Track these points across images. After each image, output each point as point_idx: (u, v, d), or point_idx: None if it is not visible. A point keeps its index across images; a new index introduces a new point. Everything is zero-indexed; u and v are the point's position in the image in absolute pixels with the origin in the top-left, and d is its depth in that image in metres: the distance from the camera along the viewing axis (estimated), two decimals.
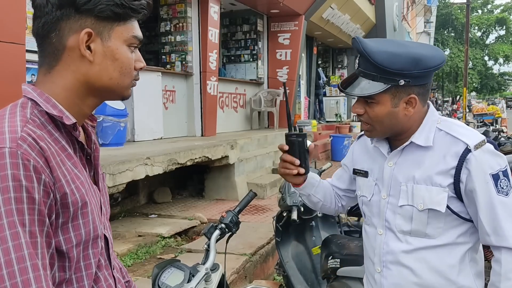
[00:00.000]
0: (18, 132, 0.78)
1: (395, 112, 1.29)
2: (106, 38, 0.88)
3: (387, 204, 1.37)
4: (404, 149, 1.35)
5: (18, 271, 0.72)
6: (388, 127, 1.32)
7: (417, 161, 1.32)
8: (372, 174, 1.44)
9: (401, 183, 1.34)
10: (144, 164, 4.23)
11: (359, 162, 1.51)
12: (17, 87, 3.79)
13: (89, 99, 0.92)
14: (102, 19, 0.86)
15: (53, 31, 0.86)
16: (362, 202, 1.48)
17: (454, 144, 1.28)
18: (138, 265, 3.67)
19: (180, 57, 7.41)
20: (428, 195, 1.28)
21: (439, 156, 1.29)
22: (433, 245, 1.31)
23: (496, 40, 47.85)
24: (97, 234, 0.90)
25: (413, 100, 1.30)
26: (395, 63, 1.24)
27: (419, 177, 1.30)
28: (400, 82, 1.25)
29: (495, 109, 18.24)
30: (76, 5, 0.84)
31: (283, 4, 8.77)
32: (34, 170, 0.77)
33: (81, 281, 0.87)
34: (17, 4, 3.51)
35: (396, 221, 1.35)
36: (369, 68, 1.27)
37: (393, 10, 15.96)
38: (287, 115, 1.45)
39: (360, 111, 1.33)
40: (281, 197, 2.74)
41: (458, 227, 1.31)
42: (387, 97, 1.28)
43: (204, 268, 1.56)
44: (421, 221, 1.30)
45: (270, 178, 6.60)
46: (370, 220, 1.44)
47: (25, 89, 0.89)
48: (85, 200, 0.86)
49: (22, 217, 0.74)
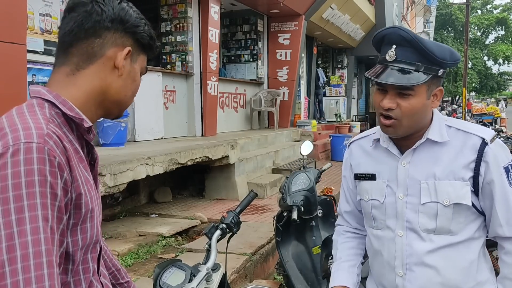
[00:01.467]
0: (44, 129, 0.80)
1: (427, 104, 1.29)
2: (134, 61, 0.98)
3: (406, 204, 1.34)
4: (417, 148, 1.33)
5: (33, 266, 0.72)
6: (416, 122, 1.29)
7: (434, 158, 1.31)
8: (381, 176, 1.40)
9: (420, 181, 1.31)
10: (145, 164, 4.24)
11: (361, 166, 1.47)
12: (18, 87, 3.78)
13: (100, 109, 0.96)
14: (138, 44, 0.97)
15: (97, 37, 0.92)
16: (372, 206, 1.42)
17: (469, 138, 1.29)
18: (139, 265, 3.68)
19: (181, 57, 7.42)
20: (452, 190, 1.28)
21: (455, 151, 1.29)
22: (455, 241, 1.30)
23: (495, 40, 47.85)
24: (98, 239, 0.92)
25: (439, 93, 1.31)
26: (441, 52, 1.24)
27: (440, 173, 1.29)
28: (439, 72, 1.26)
29: (494, 109, 18.25)
30: (125, 24, 0.94)
31: (283, 4, 8.78)
32: (59, 167, 0.78)
33: (79, 284, 0.88)
34: (18, 4, 3.52)
35: (420, 219, 1.32)
36: (412, 57, 1.24)
37: (392, 10, 15.96)
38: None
39: (393, 106, 1.27)
40: (282, 197, 2.75)
41: (475, 221, 1.32)
42: (424, 88, 1.26)
43: (205, 268, 1.57)
44: (447, 217, 1.29)
45: (270, 178, 6.61)
46: (384, 224, 1.39)
47: (40, 91, 0.89)
48: (93, 203, 0.88)
49: (46, 212, 0.75)
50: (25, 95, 3.60)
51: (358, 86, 18.28)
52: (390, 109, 1.28)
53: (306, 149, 3.09)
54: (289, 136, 9.14)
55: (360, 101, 18.81)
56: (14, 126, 0.79)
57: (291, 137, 9.21)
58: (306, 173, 2.83)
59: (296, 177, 2.81)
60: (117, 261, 1.22)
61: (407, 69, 1.24)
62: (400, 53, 1.26)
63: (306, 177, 2.81)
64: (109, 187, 3.73)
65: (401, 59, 1.25)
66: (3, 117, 0.84)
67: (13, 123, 0.80)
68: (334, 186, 6.45)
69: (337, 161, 9.74)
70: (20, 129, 0.78)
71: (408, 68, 1.24)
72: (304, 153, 3.10)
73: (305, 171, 2.86)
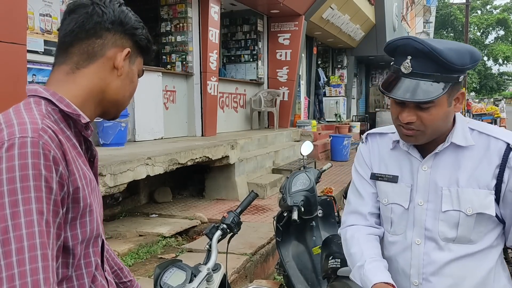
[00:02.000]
0: (39, 124, 0.81)
1: (450, 111, 1.22)
2: (132, 62, 1.00)
3: (426, 211, 1.27)
4: (440, 152, 1.27)
5: (28, 259, 0.72)
6: (439, 130, 1.23)
7: (457, 163, 1.25)
8: (403, 180, 1.32)
9: (441, 187, 1.25)
10: (145, 164, 4.24)
11: (380, 165, 1.38)
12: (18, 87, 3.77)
13: (98, 108, 0.98)
14: (136, 46, 1.00)
15: (98, 37, 0.94)
16: (392, 210, 1.34)
17: (493, 143, 1.22)
18: (139, 265, 3.68)
19: (181, 57, 7.42)
20: (476, 199, 1.22)
21: (479, 156, 1.23)
22: (474, 251, 1.26)
23: (495, 40, 47.86)
24: (99, 233, 0.92)
25: (461, 96, 1.23)
26: (460, 59, 1.16)
27: (464, 179, 1.23)
28: (460, 79, 1.19)
29: (494, 109, 18.25)
30: (125, 26, 0.97)
31: (283, 4, 8.78)
32: (53, 161, 0.79)
33: (82, 278, 0.88)
34: (18, 4, 3.52)
35: (440, 228, 1.26)
36: (430, 68, 1.16)
37: (392, 10, 15.96)
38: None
39: (413, 119, 1.20)
40: (282, 197, 2.75)
41: (494, 230, 1.27)
42: (445, 97, 1.18)
43: (206, 268, 1.57)
44: (468, 226, 1.23)
45: (270, 178, 6.61)
46: (402, 230, 1.33)
47: (36, 89, 0.90)
48: (91, 198, 0.88)
49: (41, 205, 0.75)
50: (25, 95, 3.59)
51: (358, 86, 18.29)
52: (410, 123, 1.21)
53: (307, 149, 3.10)
54: (289, 136, 9.14)
55: (360, 101, 18.82)
56: (10, 122, 0.80)
57: (291, 137, 9.22)
58: (306, 173, 2.84)
59: (296, 177, 2.82)
60: (119, 260, 1.23)
61: (425, 80, 1.17)
62: (416, 65, 1.17)
63: (307, 177, 2.81)
64: (109, 187, 3.73)
65: (418, 71, 1.17)
66: (0, 115, 0.85)
67: (9, 119, 0.81)
68: (334, 186, 6.46)
69: (337, 161, 9.75)
70: (15, 125, 0.79)
71: (426, 80, 1.16)
72: (305, 153, 3.10)
73: (306, 171, 2.87)
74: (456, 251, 1.25)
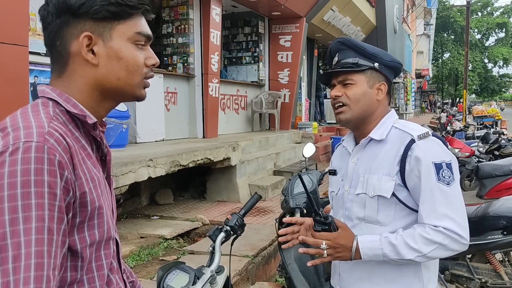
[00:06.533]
0: (45, 127, 0.79)
1: (370, 92, 1.48)
2: (107, 39, 0.88)
3: (348, 195, 1.53)
4: (366, 146, 1.51)
5: (23, 267, 0.70)
6: (362, 109, 1.48)
7: (374, 155, 1.47)
8: (340, 171, 1.60)
9: (360, 175, 1.49)
10: (146, 166, 4.24)
11: (333, 164, 1.68)
12: (21, 89, 3.77)
13: (104, 102, 0.94)
14: (100, 20, 0.87)
15: (57, 39, 0.88)
16: (332, 197, 1.64)
17: (403, 136, 1.43)
18: (141, 267, 3.67)
19: (182, 59, 7.43)
20: (378, 184, 1.43)
21: (391, 149, 1.44)
22: (382, 232, 1.42)
23: (495, 42, 47.88)
24: (110, 235, 0.90)
25: (383, 87, 1.50)
26: (372, 49, 1.49)
27: (374, 168, 1.46)
28: (375, 65, 1.47)
29: (495, 111, 18.24)
30: (72, 10, 0.86)
31: (284, 6, 8.79)
32: (59, 165, 0.77)
33: (93, 282, 0.87)
34: (20, 6, 3.52)
35: (353, 208, 1.50)
36: (350, 55, 1.48)
37: (393, 13, 15.98)
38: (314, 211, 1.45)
39: (339, 94, 1.48)
40: (284, 199, 2.74)
41: (406, 217, 1.43)
42: (363, 78, 1.47)
43: (209, 271, 1.56)
44: (372, 207, 1.45)
45: (272, 179, 6.61)
46: (337, 213, 1.60)
47: (44, 90, 0.89)
48: (101, 200, 0.87)
49: (42, 212, 0.73)
50: (27, 97, 3.60)
51: None
52: (337, 97, 1.49)
53: (309, 151, 3.09)
54: (290, 138, 9.14)
55: None
56: (16, 126, 0.79)
57: (292, 139, 9.21)
58: (308, 175, 2.83)
59: (298, 179, 2.81)
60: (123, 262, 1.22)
61: (348, 64, 1.47)
62: (341, 55, 1.50)
63: (309, 179, 2.80)
64: None
65: (342, 59, 1.49)
66: (8, 118, 0.84)
67: (15, 122, 0.80)
68: None
69: None
70: (21, 128, 0.78)
71: (349, 63, 1.47)
72: (307, 155, 3.09)
73: (308, 173, 2.86)
74: (365, 229, 1.46)
